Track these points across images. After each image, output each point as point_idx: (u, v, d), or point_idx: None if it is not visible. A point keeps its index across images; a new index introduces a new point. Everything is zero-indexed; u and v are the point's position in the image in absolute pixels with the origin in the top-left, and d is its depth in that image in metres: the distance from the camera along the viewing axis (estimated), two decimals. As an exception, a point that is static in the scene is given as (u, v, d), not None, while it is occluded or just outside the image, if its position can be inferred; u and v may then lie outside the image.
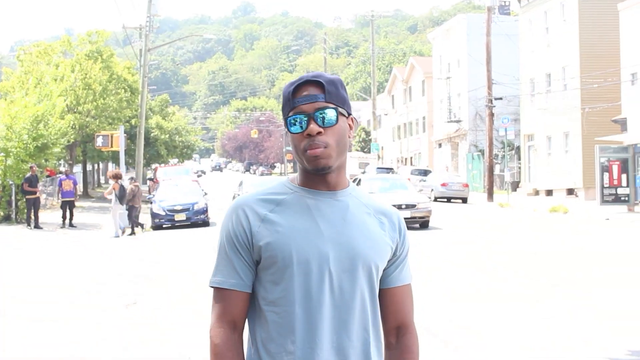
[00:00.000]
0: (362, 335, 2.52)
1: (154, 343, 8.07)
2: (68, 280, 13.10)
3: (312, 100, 2.48)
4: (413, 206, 24.50)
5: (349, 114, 2.58)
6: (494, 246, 19.24)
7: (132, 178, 28.07)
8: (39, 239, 23.73)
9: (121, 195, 24.53)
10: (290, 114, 2.50)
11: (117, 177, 24.92)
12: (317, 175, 2.53)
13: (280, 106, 2.59)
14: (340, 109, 2.51)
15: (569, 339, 8.96)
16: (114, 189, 24.63)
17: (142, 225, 26.06)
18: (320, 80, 2.50)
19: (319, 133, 2.46)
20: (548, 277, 13.86)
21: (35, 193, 27.03)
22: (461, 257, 17.23)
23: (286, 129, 2.53)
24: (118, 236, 24.43)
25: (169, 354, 7.58)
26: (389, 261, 2.61)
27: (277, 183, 2.64)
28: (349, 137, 2.56)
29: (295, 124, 2.49)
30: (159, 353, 7.73)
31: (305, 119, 2.47)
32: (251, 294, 2.56)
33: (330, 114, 2.47)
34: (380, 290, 2.62)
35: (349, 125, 2.58)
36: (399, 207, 24.15)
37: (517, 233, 22.92)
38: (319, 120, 2.47)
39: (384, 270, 2.61)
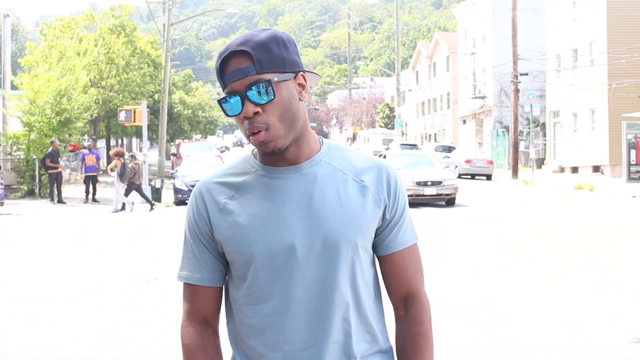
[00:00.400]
0: (343, 327, 2.17)
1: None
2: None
3: (241, 76, 2.07)
4: (439, 183, 24.21)
5: (297, 72, 2.16)
6: (518, 222, 19.09)
7: (132, 156, 28.13)
8: (60, 213, 23.78)
9: (122, 173, 24.68)
10: (225, 94, 2.12)
11: (118, 154, 25.13)
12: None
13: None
14: (278, 76, 2.09)
15: (594, 316, 8.84)
16: (115, 166, 24.80)
17: (151, 203, 25.78)
18: (245, 49, 2.08)
19: (256, 114, 2.08)
20: (573, 254, 13.71)
21: (56, 168, 27.09)
22: (486, 233, 17.10)
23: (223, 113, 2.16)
24: (117, 211, 24.59)
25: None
26: (379, 228, 2.24)
27: (240, 158, 2.30)
28: (301, 99, 2.16)
29: (228, 107, 2.11)
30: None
31: (239, 99, 2.08)
32: (224, 287, 2.30)
33: (263, 88, 2.07)
34: (378, 258, 2.29)
35: (299, 84, 2.16)
36: (425, 184, 23.93)
37: (542, 210, 22.70)
38: (252, 98, 2.07)
39: (376, 236, 2.25)
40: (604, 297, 9.89)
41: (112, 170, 25.52)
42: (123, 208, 25.00)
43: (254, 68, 2.07)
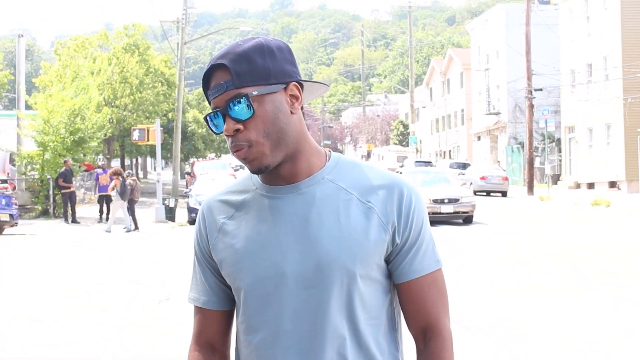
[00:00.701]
0: None
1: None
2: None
3: (220, 91, 1.93)
4: (456, 200, 23.97)
5: (287, 82, 1.98)
6: (535, 238, 18.97)
7: (129, 173, 28.08)
8: (74, 233, 23.75)
9: (122, 191, 24.60)
10: (211, 110, 1.98)
11: (117, 173, 25.06)
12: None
13: (319, 98, 2.06)
14: (258, 88, 1.93)
15: (611, 331, 8.76)
16: (115, 185, 24.75)
17: (137, 226, 25.35)
18: (222, 62, 1.93)
19: (237, 130, 1.92)
20: (589, 269, 13.63)
21: (69, 188, 27.10)
22: (502, 249, 17.03)
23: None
24: (110, 231, 24.11)
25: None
26: (391, 252, 2.02)
27: (246, 175, 2.14)
28: (293, 112, 1.98)
29: (212, 124, 1.98)
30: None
31: (220, 115, 1.95)
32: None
33: (242, 104, 1.91)
34: (395, 286, 2.06)
35: (292, 96, 1.99)
36: (442, 201, 23.74)
37: (558, 226, 22.53)
38: (233, 114, 1.92)
39: (390, 262, 2.03)
40: (620, 313, 9.81)
41: (112, 189, 25.48)
42: (136, 227, 24.86)
43: (232, 82, 1.92)
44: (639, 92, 37.37)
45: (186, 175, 51.38)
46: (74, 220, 26.80)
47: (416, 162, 49.32)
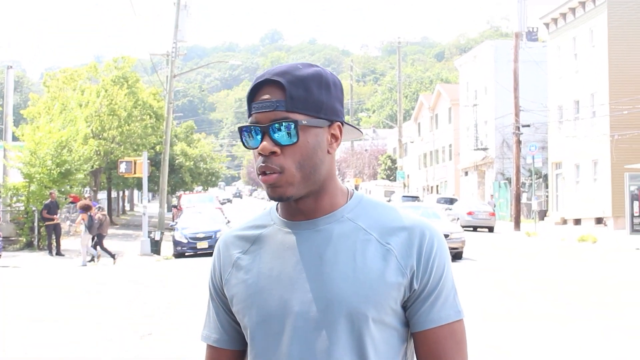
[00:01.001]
0: None
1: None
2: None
3: (268, 109, 1.86)
4: (446, 237, 23.88)
5: (332, 121, 1.93)
6: (522, 274, 18.94)
7: (99, 207, 27.96)
8: (57, 265, 23.55)
9: (89, 225, 24.48)
10: (248, 122, 1.91)
11: (84, 209, 24.86)
12: (287, 203, 1.94)
13: None
14: (308, 119, 1.87)
15: (601, 359, 8.82)
16: (82, 219, 24.62)
17: (113, 256, 25.31)
18: (280, 81, 1.86)
19: (273, 153, 1.85)
20: (577, 301, 13.65)
21: (53, 220, 26.93)
22: (490, 283, 17.03)
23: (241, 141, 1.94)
24: (85, 265, 24.06)
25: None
26: (408, 298, 1.91)
27: (266, 210, 2.06)
28: (330, 151, 1.93)
29: (248, 137, 1.90)
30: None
31: (259, 131, 1.87)
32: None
33: (288, 129, 1.84)
34: (412, 334, 1.95)
35: (333, 135, 1.93)
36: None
37: (545, 261, 22.51)
38: (274, 135, 1.85)
39: (407, 309, 1.92)
40: (611, 341, 9.84)
41: (79, 223, 25.34)
42: (92, 259, 24.80)
43: (284, 104, 1.85)
44: (625, 128, 37.55)
45: (173, 208, 51.24)
46: (59, 253, 26.61)
47: (403, 196, 49.33)
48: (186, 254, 27.83)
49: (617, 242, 29.10)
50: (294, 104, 1.85)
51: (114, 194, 56.07)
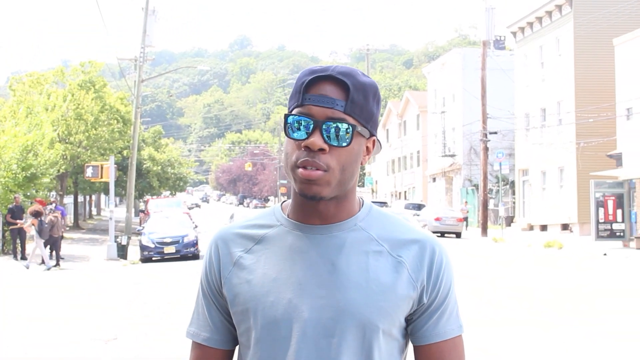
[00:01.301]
0: None
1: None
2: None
3: (326, 105, 1.82)
4: None
5: (372, 135, 1.93)
6: (498, 281, 18.98)
7: (51, 209, 27.73)
8: (21, 270, 23.31)
9: (40, 230, 24.32)
10: (294, 111, 1.86)
11: (35, 215, 24.64)
12: (308, 204, 1.89)
13: (276, 138, 1.94)
14: (360, 127, 1.86)
15: None
16: (32, 224, 24.44)
17: (58, 263, 25.13)
18: (346, 82, 1.84)
19: (321, 150, 1.81)
20: (554, 309, 13.74)
21: (16, 224, 26.66)
22: (467, 291, 16.99)
23: (283, 129, 1.89)
24: (49, 269, 23.86)
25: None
26: (415, 312, 1.93)
27: (268, 210, 2.03)
28: (362, 162, 1.93)
29: (295, 127, 1.84)
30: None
31: (311, 125, 1.82)
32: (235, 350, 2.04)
33: (344, 130, 1.82)
34: (414, 347, 1.97)
35: (368, 148, 1.94)
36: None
37: (520, 269, 22.60)
38: (326, 133, 1.82)
39: (411, 322, 1.94)
40: (597, 344, 10.01)
41: (29, 228, 25.11)
42: (57, 264, 24.60)
43: (345, 105, 1.83)
44: (591, 136, 37.95)
45: (140, 213, 50.96)
46: (23, 257, 26.33)
47: (371, 202, 49.43)
48: (153, 258, 27.68)
49: (583, 248, 29.34)
50: (353, 108, 1.84)
51: (80, 199, 55.62)
